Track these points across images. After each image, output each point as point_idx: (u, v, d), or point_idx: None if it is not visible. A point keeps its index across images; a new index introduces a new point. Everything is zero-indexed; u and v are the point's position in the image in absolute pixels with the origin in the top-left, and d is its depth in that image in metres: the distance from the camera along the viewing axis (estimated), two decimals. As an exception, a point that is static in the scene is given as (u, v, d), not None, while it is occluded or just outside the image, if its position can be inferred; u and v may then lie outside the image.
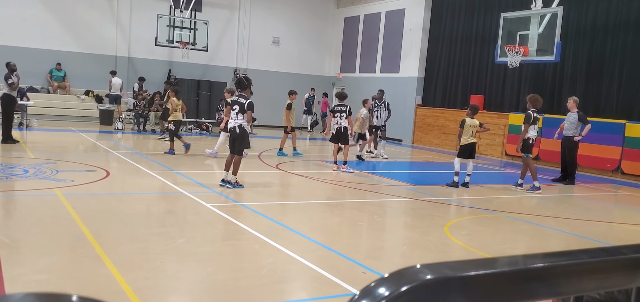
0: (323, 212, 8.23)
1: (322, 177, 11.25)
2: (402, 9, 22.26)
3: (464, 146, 10.73)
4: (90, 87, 21.49)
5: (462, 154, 10.77)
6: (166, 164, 11.50)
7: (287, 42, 25.52)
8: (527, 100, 11.27)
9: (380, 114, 15.24)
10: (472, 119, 10.80)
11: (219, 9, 23.80)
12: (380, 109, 15.27)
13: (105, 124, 19.60)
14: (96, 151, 13.59)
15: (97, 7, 21.65)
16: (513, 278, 0.66)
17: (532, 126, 10.92)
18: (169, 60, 22.90)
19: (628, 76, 14.97)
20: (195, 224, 6.76)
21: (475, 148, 11.01)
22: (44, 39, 20.76)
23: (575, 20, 16.03)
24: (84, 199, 7.64)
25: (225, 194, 8.60)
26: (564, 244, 7.31)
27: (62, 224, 6.26)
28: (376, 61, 23.80)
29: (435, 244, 6.59)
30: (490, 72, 18.80)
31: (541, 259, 0.67)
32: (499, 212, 8.83)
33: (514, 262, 0.67)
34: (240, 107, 8.95)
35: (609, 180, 14.05)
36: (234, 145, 9.10)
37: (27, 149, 12.54)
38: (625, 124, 14.17)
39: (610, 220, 9.29)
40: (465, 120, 10.74)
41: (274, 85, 24.72)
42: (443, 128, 20.02)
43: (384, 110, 15.28)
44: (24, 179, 8.87)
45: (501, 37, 14.34)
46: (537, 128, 11.06)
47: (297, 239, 6.30)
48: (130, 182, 9.48)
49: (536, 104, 11.01)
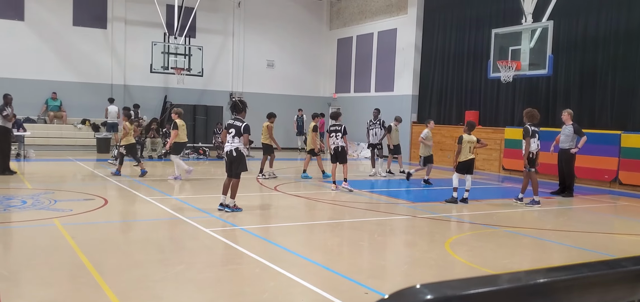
0: (323, 232, 8.21)
1: (321, 197, 11.24)
2: (394, 29, 22.45)
3: (462, 162, 10.77)
4: (87, 116, 21.53)
5: (460, 169, 10.80)
6: (164, 190, 11.48)
7: (281, 64, 25.67)
8: (523, 115, 11.35)
9: (375, 132, 15.33)
10: (469, 135, 10.86)
11: (213, 34, 23.96)
12: (376, 127, 15.35)
13: (103, 152, 19.59)
14: (94, 179, 13.56)
15: (91, 37, 21.78)
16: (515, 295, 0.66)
17: (532, 139, 10.96)
18: (165, 86, 22.98)
19: (621, 87, 15.09)
20: (195, 250, 6.73)
21: (473, 164, 11.04)
22: (40, 70, 20.84)
23: (566, 34, 16.19)
24: (82, 228, 7.61)
25: (224, 218, 8.57)
26: (566, 257, 7.31)
27: (62, 254, 6.23)
28: (370, 80, 23.94)
29: (436, 261, 6.57)
30: (484, 88, 18.92)
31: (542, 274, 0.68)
32: (499, 227, 8.83)
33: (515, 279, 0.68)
34: (237, 130, 8.96)
35: (607, 191, 14.07)
36: (230, 168, 9.09)
37: (25, 179, 12.51)
38: (621, 134, 14.24)
39: (611, 231, 9.29)
40: (463, 136, 10.79)
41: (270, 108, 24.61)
42: (439, 145, 20.05)
43: (379, 128, 15.36)
44: (22, 210, 8.84)
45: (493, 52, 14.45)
46: (537, 141, 11.07)
47: (298, 261, 6.28)
48: (128, 210, 9.46)
49: (533, 119, 11.08)
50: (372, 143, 15.41)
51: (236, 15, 24.48)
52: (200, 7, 21.92)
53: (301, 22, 25.98)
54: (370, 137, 15.39)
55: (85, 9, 21.61)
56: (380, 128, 15.38)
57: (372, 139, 15.38)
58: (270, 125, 14.43)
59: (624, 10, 14.98)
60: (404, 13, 21.94)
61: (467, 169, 10.82)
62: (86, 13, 21.62)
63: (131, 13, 22.28)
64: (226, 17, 24.34)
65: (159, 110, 22.57)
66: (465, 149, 10.77)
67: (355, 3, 24.86)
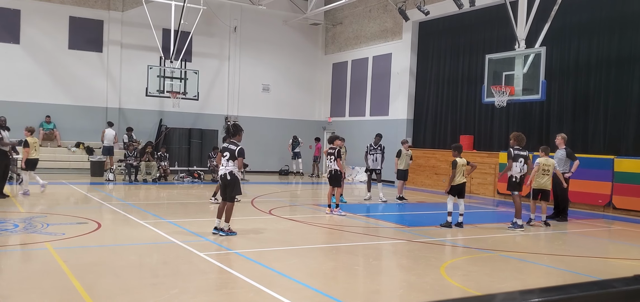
0: (318, 257, 8.17)
1: (316, 221, 11.20)
2: (389, 54, 22.65)
3: (454, 186, 10.81)
4: (81, 139, 21.47)
5: (453, 193, 10.83)
6: (158, 214, 11.42)
7: (277, 88, 25.79)
8: (510, 137, 11.45)
9: (376, 157, 15.28)
10: (461, 158, 10.92)
11: (208, 58, 24.09)
12: (376, 153, 15.31)
13: (96, 176, 19.51)
14: (87, 202, 13.48)
15: (87, 61, 21.85)
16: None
17: (515, 163, 11.02)
18: (160, 109, 23.01)
19: (613, 112, 15.22)
20: (189, 274, 6.68)
21: (465, 187, 11.07)
22: (34, 93, 20.85)
23: (559, 60, 16.38)
24: (75, 252, 7.55)
25: (218, 242, 8.53)
26: (561, 281, 7.29)
27: (53, 278, 6.17)
28: (365, 104, 24.06)
29: (431, 285, 6.54)
30: (479, 112, 19.04)
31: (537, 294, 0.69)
32: (494, 251, 8.81)
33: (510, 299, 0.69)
34: (231, 153, 8.96)
35: (601, 215, 14.10)
36: (225, 192, 9.07)
37: (17, 203, 12.42)
38: (614, 159, 14.33)
39: (605, 255, 9.29)
40: (456, 161, 10.84)
41: (265, 131, 24.88)
42: (434, 169, 20.11)
43: (379, 153, 15.33)
44: (14, 234, 8.76)
45: (487, 77, 14.57)
46: (523, 165, 11.10)
47: (293, 286, 6.24)
48: (122, 233, 9.39)
49: (519, 142, 11.17)
50: (372, 168, 15.33)
51: (232, 40, 24.66)
52: (197, 31, 22.08)
53: (296, 46, 26.18)
54: (370, 162, 15.30)
55: (81, 32, 21.71)
56: (381, 153, 15.35)
57: (372, 164, 15.29)
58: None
59: (615, 36, 15.20)
60: (399, 38, 22.17)
61: (459, 193, 10.85)
62: (82, 36, 21.71)
63: (127, 37, 22.40)
64: (222, 41, 24.50)
65: (154, 134, 22.56)
66: (459, 172, 10.82)
67: (351, 28, 25.10)
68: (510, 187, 11.16)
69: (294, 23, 25.61)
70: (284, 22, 25.57)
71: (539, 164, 11.59)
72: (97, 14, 21.91)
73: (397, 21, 21.87)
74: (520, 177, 11.07)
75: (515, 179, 11.06)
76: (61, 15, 21.32)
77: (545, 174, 11.60)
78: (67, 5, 21.38)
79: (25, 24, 20.77)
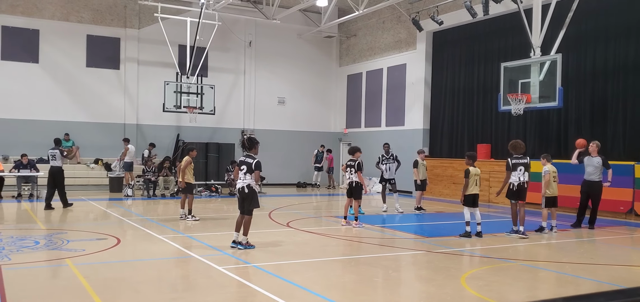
0: (337, 269, 8.14)
1: (333, 233, 11.18)
2: (404, 64, 22.63)
3: (468, 195, 10.73)
4: (99, 155, 21.75)
5: (467, 202, 10.75)
6: (177, 229, 11.49)
7: (292, 101, 25.91)
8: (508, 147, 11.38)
9: (389, 167, 15.18)
10: (474, 167, 10.85)
11: (224, 73, 24.30)
12: (389, 162, 15.22)
13: (115, 191, 19.71)
14: (107, 218, 13.62)
15: (104, 78, 22.18)
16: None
17: (514, 172, 10.91)
18: (177, 124, 23.25)
19: (632, 118, 15.00)
20: (208, 288, 6.70)
21: (478, 197, 10.97)
22: (53, 111, 21.20)
23: (575, 66, 16.21)
24: (95, 268, 7.62)
25: (237, 256, 8.55)
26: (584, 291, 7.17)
27: (75, 294, 6.23)
28: (381, 115, 24.04)
29: (452, 296, 6.48)
30: (495, 121, 18.90)
31: (561, 304, 0.69)
32: (516, 260, 8.71)
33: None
34: (248, 167, 9.00)
35: (623, 222, 13.86)
36: (242, 205, 9.10)
37: (38, 219, 12.60)
38: (634, 165, 14.10)
39: (629, 263, 9.11)
40: (469, 170, 10.76)
41: (282, 144, 24.98)
42: (452, 178, 19.96)
43: (392, 162, 15.23)
44: (35, 251, 8.87)
45: (503, 86, 14.47)
46: (523, 173, 10.97)
47: (312, 299, 6.22)
48: (141, 249, 9.46)
49: (516, 150, 11.07)
50: (387, 178, 15.24)
51: (247, 54, 24.87)
52: (212, 46, 22.31)
53: (311, 59, 26.31)
54: (385, 172, 15.20)
55: (99, 50, 22.08)
56: (394, 162, 15.25)
57: (387, 174, 15.21)
58: (189, 159, 12.75)
59: (632, 41, 15.02)
60: (413, 48, 22.15)
61: (473, 202, 10.76)
62: (99, 54, 22.07)
63: (144, 53, 22.71)
64: (237, 56, 24.72)
65: (172, 149, 22.77)
66: (473, 181, 10.74)
67: (365, 40, 25.16)
68: (509, 196, 11.08)
69: (308, 36, 25.76)
70: (298, 35, 25.72)
71: (550, 172, 11.47)
72: (114, 32, 22.27)
73: (411, 32, 21.86)
74: (518, 185, 10.93)
75: (512, 187, 10.96)
76: (79, 34, 21.70)
77: (554, 181, 11.54)
78: (84, 24, 21.76)
79: (44, 44, 21.17)
